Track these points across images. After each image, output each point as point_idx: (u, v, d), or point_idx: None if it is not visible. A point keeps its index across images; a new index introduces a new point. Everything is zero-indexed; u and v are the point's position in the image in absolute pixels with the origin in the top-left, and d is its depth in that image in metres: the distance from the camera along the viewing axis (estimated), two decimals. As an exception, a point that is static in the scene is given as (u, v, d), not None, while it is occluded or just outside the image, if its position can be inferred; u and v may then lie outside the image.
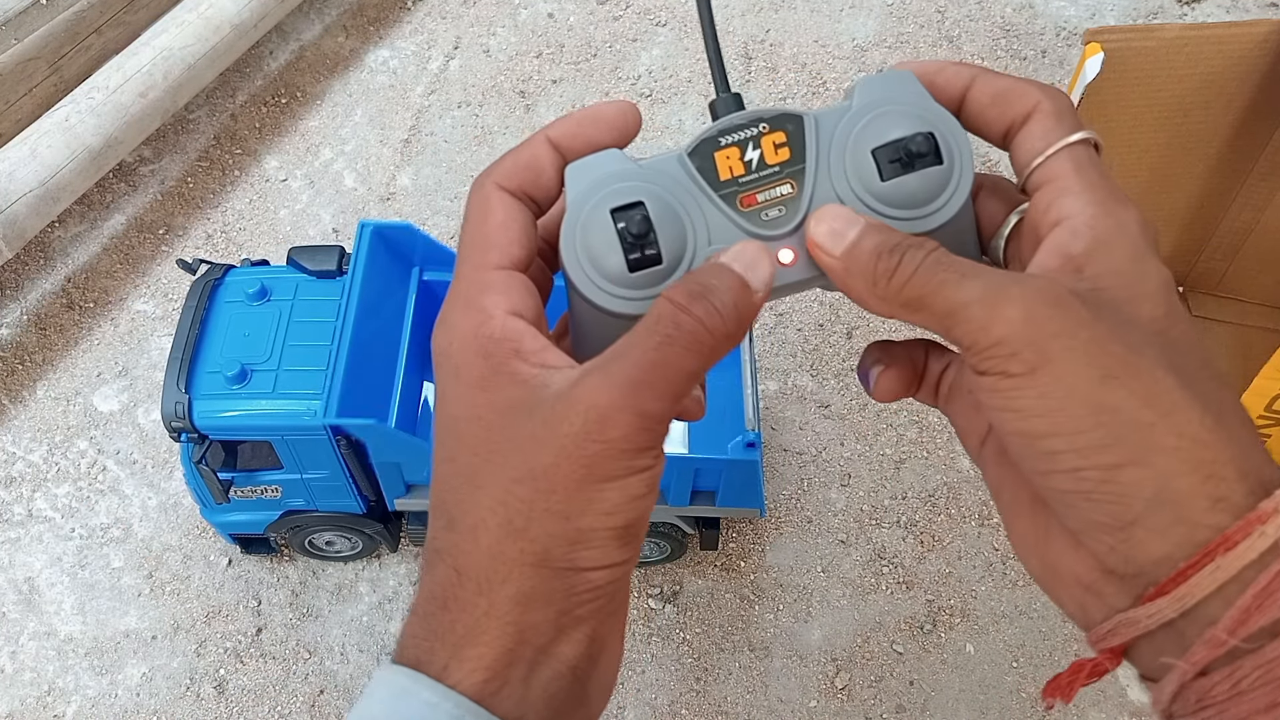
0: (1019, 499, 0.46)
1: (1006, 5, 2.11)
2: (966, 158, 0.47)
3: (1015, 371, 0.39)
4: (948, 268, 0.42)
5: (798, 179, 0.47)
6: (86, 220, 1.84)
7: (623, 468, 0.40)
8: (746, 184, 0.47)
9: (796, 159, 0.47)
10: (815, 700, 1.39)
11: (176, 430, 1.21)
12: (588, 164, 0.47)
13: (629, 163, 0.48)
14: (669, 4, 2.13)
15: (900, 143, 0.46)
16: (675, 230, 0.45)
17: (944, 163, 0.46)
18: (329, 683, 1.40)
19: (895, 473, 1.55)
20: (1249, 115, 1.39)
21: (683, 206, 0.46)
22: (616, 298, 0.45)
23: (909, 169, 0.46)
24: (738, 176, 0.47)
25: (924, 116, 0.47)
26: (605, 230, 0.44)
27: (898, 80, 0.49)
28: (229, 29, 1.84)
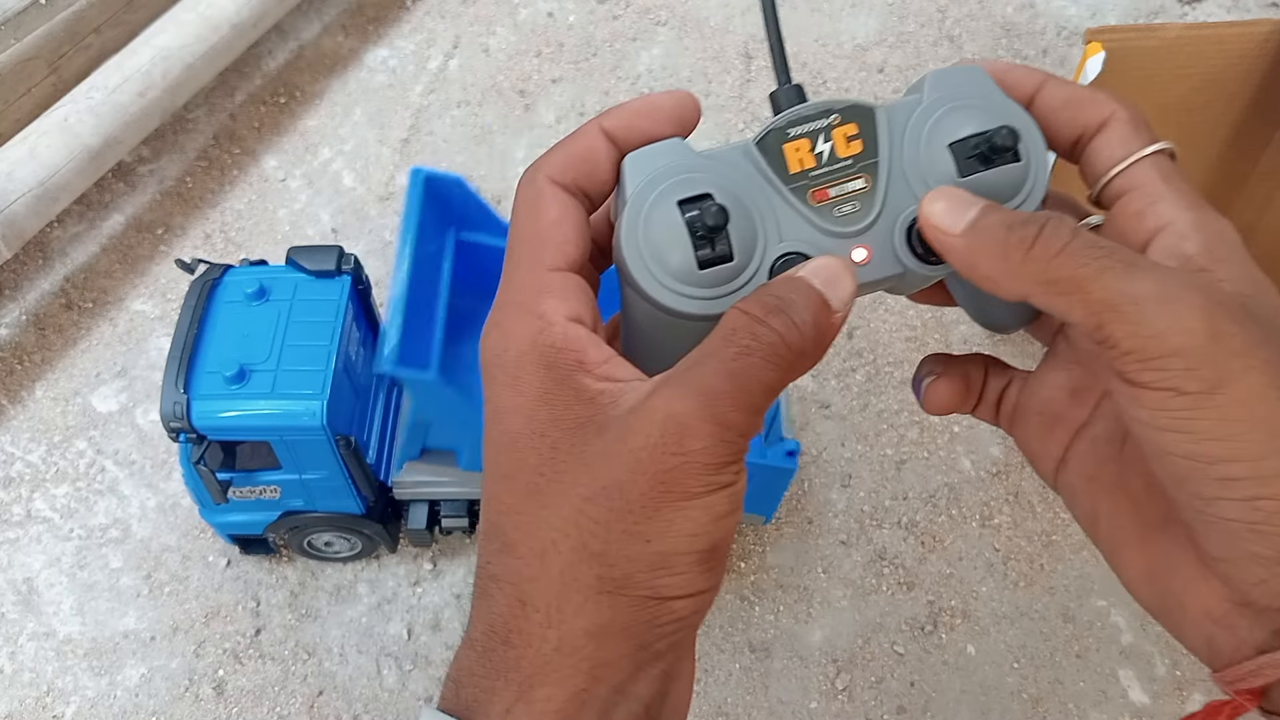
0: (1126, 526, 0.43)
1: (1008, 4, 2.11)
2: (1043, 157, 0.46)
3: (1190, 389, 0.35)
4: (1108, 253, 0.38)
5: (871, 173, 0.44)
6: (85, 220, 1.84)
7: (705, 483, 0.36)
8: (818, 178, 0.44)
9: (869, 153, 0.44)
10: (816, 701, 1.38)
11: (175, 430, 1.21)
12: (648, 154, 0.44)
13: (693, 153, 0.44)
14: (669, 3, 2.12)
15: (978, 138, 0.44)
16: (746, 225, 0.43)
17: (1021, 160, 0.44)
18: (328, 684, 1.40)
19: (896, 473, 1.55)
20: (1250, 115, 1.39)
21: (752, 200, 0.44)
22: (685, 296, 0.41)
23: (988, 165, 0.44)
24: (808, 169, 0.44)
25: (1000, 112, 0.45)
26: (672, 223, 0.41)
27: (970, 75, 0.47)
28: (228, 28, 1.84)
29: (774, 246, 0.43)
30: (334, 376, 1.21)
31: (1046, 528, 1.51)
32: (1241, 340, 0.36)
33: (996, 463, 1.56)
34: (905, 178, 0.45)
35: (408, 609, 1.45)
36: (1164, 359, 0.36)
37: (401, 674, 1.40)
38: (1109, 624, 1.44)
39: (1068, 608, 1.45)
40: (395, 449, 1.33)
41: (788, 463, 1.24)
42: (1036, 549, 1.49)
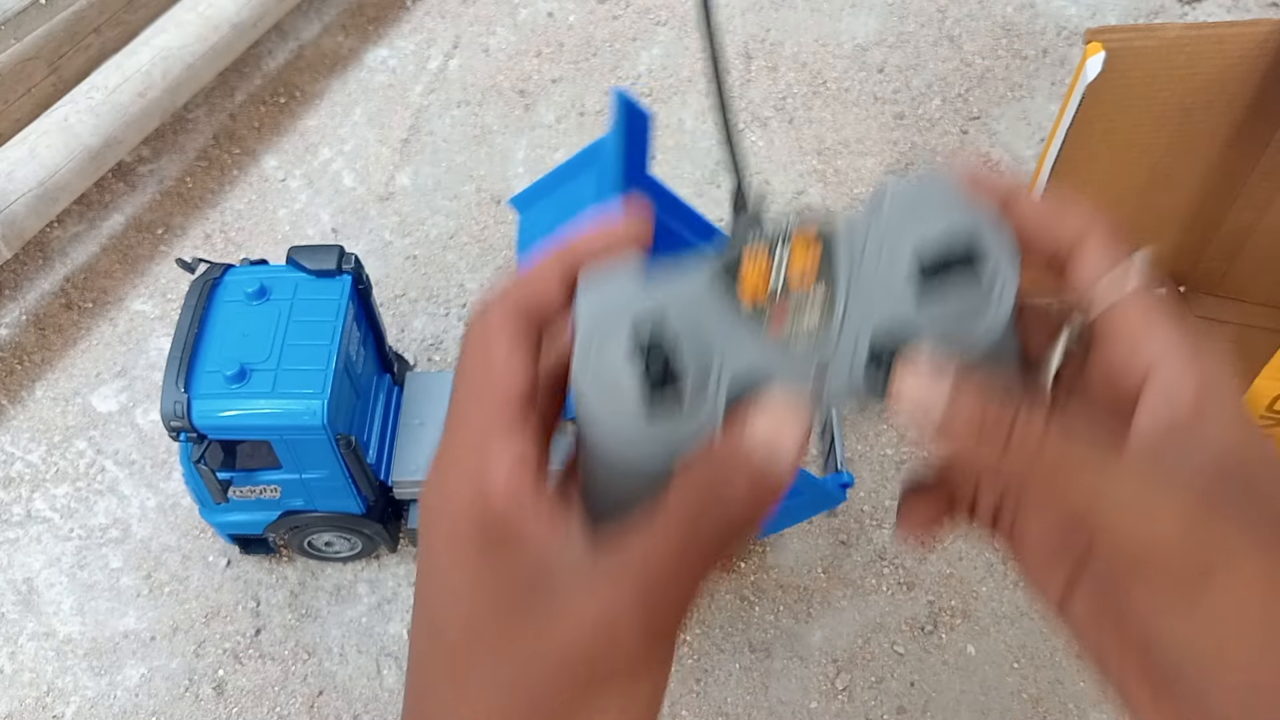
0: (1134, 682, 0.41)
1: (1007, 4, 2.11)
2: (1011, 278, 0.43)
3: (1177, 588, 0.34)
4: (1084, 450, 0.36)
5: (829, 302, 0.43)
6: (85, 220, 1.84)
7: (627, 689, 0.36)
8: (772, 300, 0.43)
9: (828, 280, 0.43)
10: (816, 701, 1.39)
11: (175, 430, 1.21)
12: (599, 287, 0.43)
13: (644, 287, 0.43)
14: (669, 3, 2.12)
15: (938, 263, 0.42)
16: (698, 366, 0.41)
17: (984, 284, 0.42)
18: (328, 683, 1.40)
19: (896, 473, 1.55)
20: (1250, 115, 1.39)
21: (706, 335, 0.42)
22: (633, 444, 0.40)
23: (950, 283, 0.42)
24: (762, 300, 0.43)
25: (964, 233, 0.43)
26: (620, 371, 0.40)
27: (933, 187, 0.45)
28: (228, 28, 1.84)
29: (728, 383, 0.42)
30: (334, 376, 1.21)
31: (1046, 528, 1.51)
32: (1229, 529, 0.34)
33: (996, 463, 1.56)
34: (867, 302, 0.43)
35: (408, 609, 1.45)
36: (1149, 558, 0.35)
37: (402, 674, 1.40)
38: (1109, 624, 1.44)
39: (1068, 608, 1.45)
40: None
41: (837, 493, 1.23)
42: (1036, 549, 1.49)
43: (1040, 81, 1.99)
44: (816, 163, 1.88)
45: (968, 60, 2.03)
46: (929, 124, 1.93)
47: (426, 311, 1.71)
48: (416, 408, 1.40)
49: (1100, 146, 1.39)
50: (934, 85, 1.99)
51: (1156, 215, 1.54)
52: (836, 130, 1.92)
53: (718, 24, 0.47)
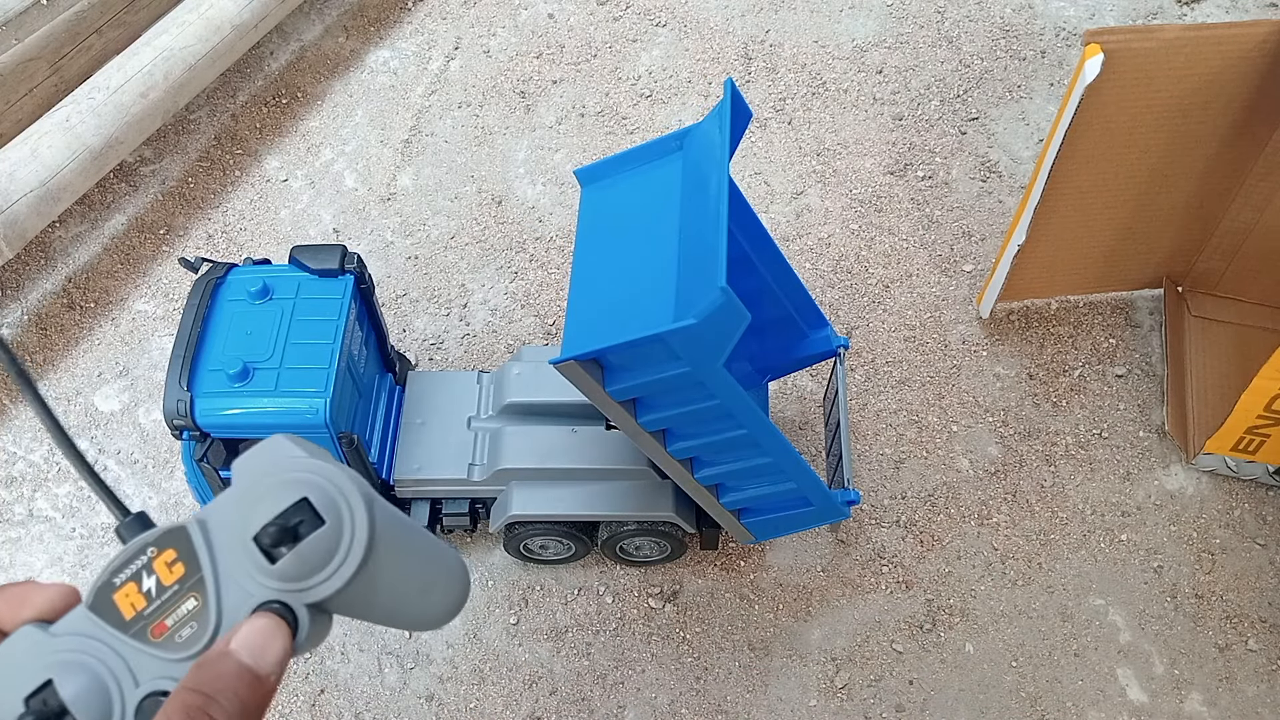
0: None
1: (1006, 5, 2.12)
2: (358, 506, 0.47)
3: None
4: None
5: (199, 590, 0.47)
6: (87, 220, 1.84)
7: None
8: (152, 614, 0.46)
9: (192, 570, 0.47)
10: (815, 699, 1.39)
11: (178, 428, 1.21)
12: (2, 650, 0.46)
13: (42, 640, 0.46)
14: (669, 5, 2.13)
15: (276, 522, 0.46)
16: (94, 694, 0.45)
17: (327, 521, 0.46)
18: (329, 682, 1.40)
19: (895, 472, 1.56)
20: (1248, 115, 1.39)
21: (101, 663, 0.46)
22: None
23: (295, 540, 0.46)
24: (141, 610, 0.46)
25: (297, 480, 0.47)
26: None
27: (272, 449, 0.48)
28: (230, 29, 1.84)
29: (133, 695, 0.45)
30: (337, 374, 1.21)
31: (1045, 527, 1.51)
32: None
33: (995, 462, 1.57)
34: (235, 580, 0.47)
35: (409, 607, 1.45)
36: None
37: (403, 672, 1.41)
38: (1107, 622, 1.44)
39: (1066, 606, 1.45)
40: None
41: (843, 509, 1.24)
42: (1035, 548, 1.50)
43: (1039, 82, 1.99)
44: (815, 163, 1.88)
45: (966, 61, 2.03)
46: (928, 125, 1.94)
47: (428, 311, 1.71)
48: (418, 407, 1.40)
49: (1099, 147, 1.39)
50: (933, 86, 1.99)
51: (1155, 215, 1.54)
52: (835, 131, 1.93)
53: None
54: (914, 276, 1.75)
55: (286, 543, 0.46)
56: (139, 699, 0.45)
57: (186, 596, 0.47)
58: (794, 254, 1.77)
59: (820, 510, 1.25)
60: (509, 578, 1.47)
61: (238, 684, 0.42)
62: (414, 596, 0.50)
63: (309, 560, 0.46)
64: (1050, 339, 1.69)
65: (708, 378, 1.00)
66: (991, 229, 1.80)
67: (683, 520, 1.35)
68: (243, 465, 0.48)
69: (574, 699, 1.39)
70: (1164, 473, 1.56)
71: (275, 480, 0.47)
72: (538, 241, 1.80)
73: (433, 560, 0.51)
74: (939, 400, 1.62)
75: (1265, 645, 1.42)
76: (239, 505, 0.47)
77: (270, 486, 0.47)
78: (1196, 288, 1.68)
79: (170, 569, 0.47)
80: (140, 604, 0.46)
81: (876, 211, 1.82)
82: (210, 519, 0.48)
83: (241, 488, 0.48)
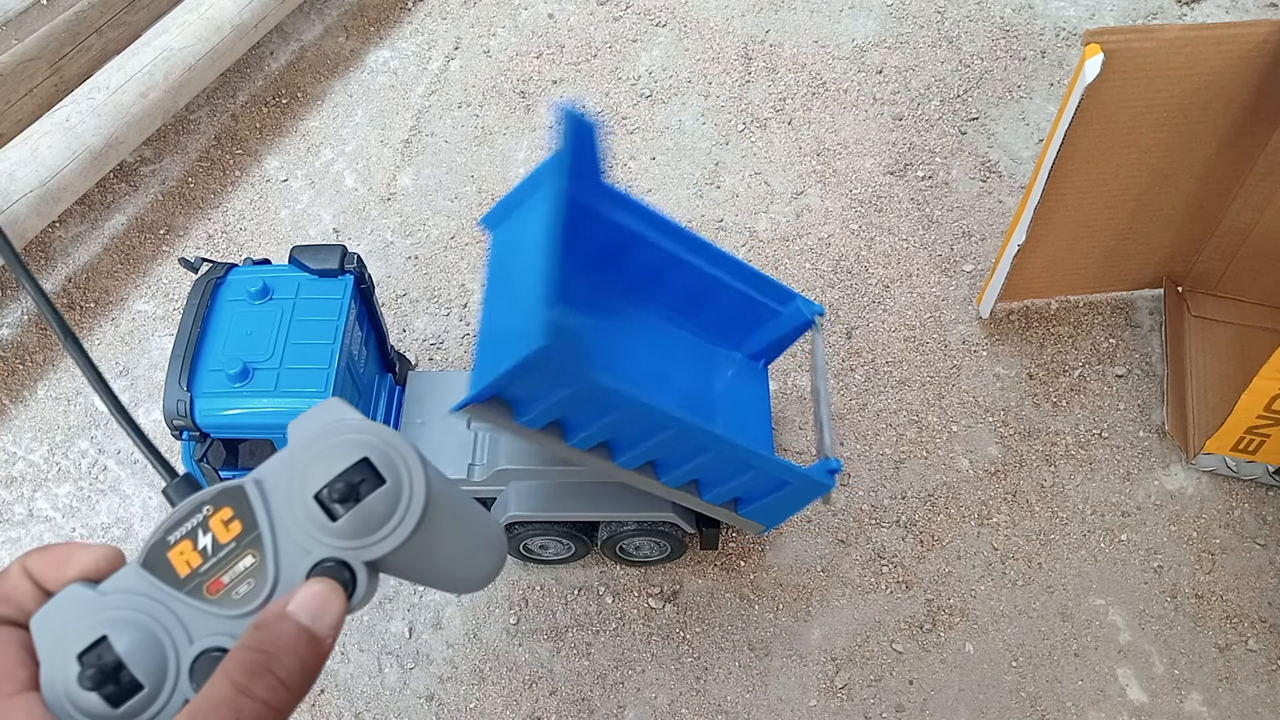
0: None
1: (1006, 5, 2.12)
2: (415, 467, 0.48)
3: None
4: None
5: (257, 547, 0.47)
6: (87, 220, 1.84)
7: None
8: (208, 571, 0.47)
9: (249, 527, 0.47)
10: (815, 699, 1.39)
11: (178, 428, 1.21)
12: (50, 610, 0.46)
13: (91, 596, 0.47)
14: (669, 5, 2.13)
15: (338, 479, 0.46)
16: (149, 650, 0.45)
17: (388, 481, 0.47)
18: (329, 682, 1.40)
19: (895, 472, 1.56)
20: (1248, 115, 1.39)
21: (154, 620, 0.46)
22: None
23: (356, 499, 0.46)
24: (197, 568, 0.47)
25: (357, 441, 0.47)
26: (77, 678, 0.44)
27: (328, 411, 0.49)
28: (229, 29, 1.84)
29: (187, 652, 0.46)
30: (337, 374, 1.21)
31: (1044, 526, 1.51)
32: None
33: (994, 462, 1.57)
34: (292, 537, 0.47)
35: (409, 607, 1.45)
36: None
37: (403, 672, 1.41)
38: (1107, 622, 1.44)
39: (1066, 606, 1.45)
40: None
41: (826, 479, 1.22)
42: (1035, 548, 1.50)
43: (1039, 82, 1.99)
44: (815, 163, 1.88)
45: (966, 61, 2.03)
46: (928, 125, 1.94)
47: (428, 311, 1.71)
48: (418, 407, 1.40)
49: (1099, 147, 1.39)
50: (932, 86, 1.99)
51: (1155, 215, 1.54)
52: (835, 131, 1.93)
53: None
54: (914, 276, 1.75)
55: (347, 501, 0.46)
56: (194, 654, 0.46)
57: (244, 554, 0.47)
58: (794, 254, 1.77)
59: (801, 487, 1.24)
60: (509, 578, 1.47)
61: (297, 644, 0.42)
62: (461, 558, 0.51)
63: (369, 518, 0.47)
64: (1050, 339, 1.69)
65: (591, 392, 1.01)
66: (991, 229, 1.80)
67: (683, 520, 1.35)
68: (299, 427, 0.49)
69: (574, 699, 1.39)
70: (1164, 473, 1.56)
71: (335, 441, 0.48)
72: (538, 241, 1.79)
73: (478, 524, 0.53)
74: (939, 400, 1.62)
75: (1265, 645, 1.42)
76: (296, 464, 0.48)
77: (330, 446, 0.47)
78: (1196, 288, 1.68)
79: (227, 526, 0.47)
80: (196, 561, 0.47)
81: (876, 211, 1.82)
82: (266, 478, 0.48)
83: (298, 448, 0.48)
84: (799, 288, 1.73)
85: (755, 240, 1.78)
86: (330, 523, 0.46)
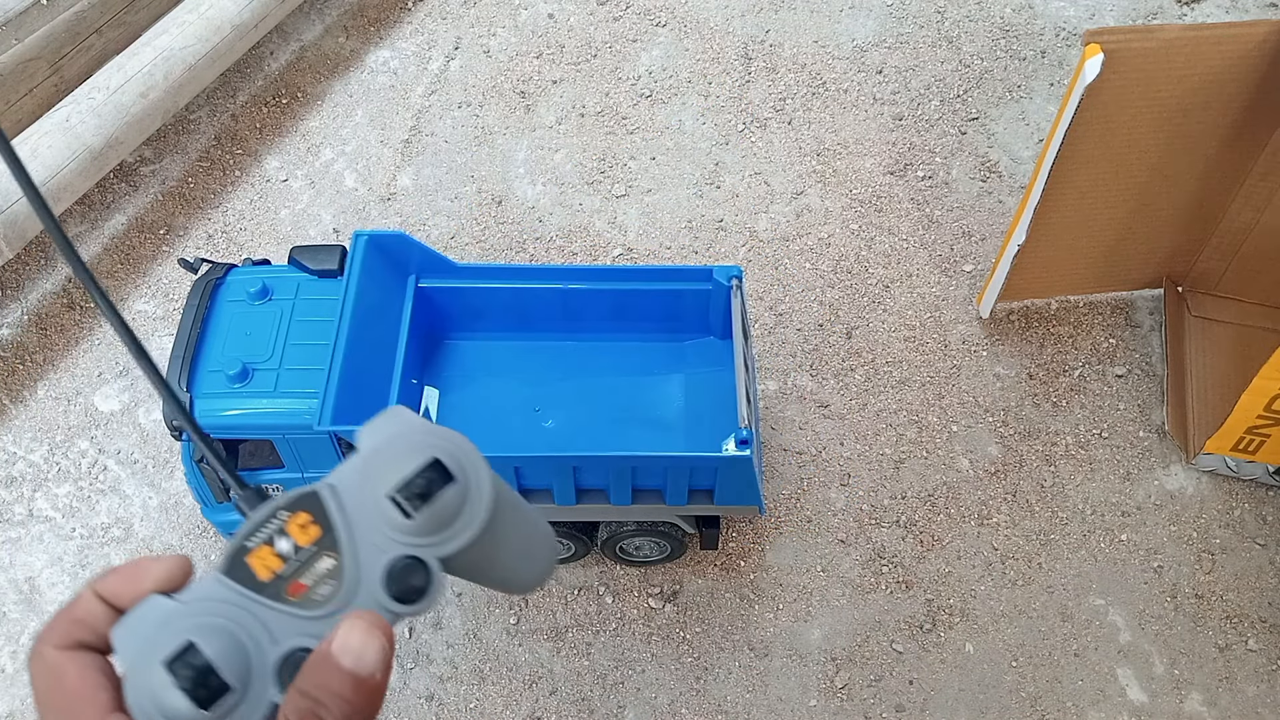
0: None
1: (1006, 5, 2.12)
2: (480, 467, 0.50)
3: None
4: None
5: (335, 549, 0.49)
6: (87, 220, 1.84)
7: None
8: (289, 574, 0.48)
9: (327, 530, 0.49)
10: (815, 699, 1.39)
11: (178, 429, 1.21)
12: (131, 621, 0.47)
13: (169, 606, 0.47)
14: (669, 5, 2.13)
15: (412, 479, 0.48)
16: (235, 654, 0.46)
17: (458, 479, 0.49)
18: (329, 682, 1.40)
19: (895, 472, 1.56)
20: (1248, 115, 1.39)
21: (238, 624, 0.47)
22: None
23: (430, 498, 0.48)
24: (278, 572, 0.48)
25: (426, 444, 0.49)
26: (163, 684, 0.44)
27: (395, 418, 0.51)
28: (229, 30, 1.84)
29: (273, 653, 0.47)
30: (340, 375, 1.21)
31: (1044, 527, 1.51)
32: None
33: (995, 462, 1.57)
34: (369, 538, 0.49)
35: (409, 607, 1.45)
36: None
37: (403, 672, 1.41)
38: (1107, 622, 1.44)
39: (1066, 606, 1.45)
40: None
41: (739, 451, 1.21)
42: (1034, 548, 1.50)
43: (1039, 82, 1.99)
44: (815, 163, 1.88)
45: (966, 61, 2.03)
46: (928, 125, 1.94)
47: (427, 311, 1.71)
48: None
49: (1099, 147, 1.39)
50: (932, 86, 1.99)
51: (1155, 215, 1.54)
52: (835, 131, 1.93)
53: None
54: (914, 276, 1.75)
55: (421, 499, 0.48)
56: (280, 655, 0.46)
57: (323, 556, 0.48)
58: (794, 254, 1.77)
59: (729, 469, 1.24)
60: (509, 578, 1.48)
61: (342, 688, 0.43)
62: (520, 558, 0.54)
63: (442, 515, 0.48)
64: (1050, 339, 1.69)
65: None
66: (991, 229, 1.80)
67: (682, 521, 1.35)
68: (367, 433, 0.51)
69: (574, 699, 1.39)
70: (1164, 473, 1.56)
71: (406, 444, 0.49)
72: (538, 241, 1.80)
73: (535, 524, 0.55)
74: (939, 400, 1.62)
75: (1265, 645, 1.42)
76: (369, 468, 0.49)
77: (402, 449, 0.49)
78: (1196, 288, 1.68)
79: (305, 531, 0.48)
80: (276, 565, 0.48)
81: (876, 211, 1.82)
82: (339, 483, 0.50)
83: (368, 453, 0.50)
84: (799, 288, 1.73)
85: (755, 240, 1.78)
86: (405, 520, 0.48)
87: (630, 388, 1.38)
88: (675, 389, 1.38)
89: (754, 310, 1.70)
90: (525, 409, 1.36)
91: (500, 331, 1.40)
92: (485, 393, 1.38)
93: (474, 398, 1.37)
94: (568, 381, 1.38)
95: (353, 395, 1.19)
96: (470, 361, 1.40)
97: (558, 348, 1.41)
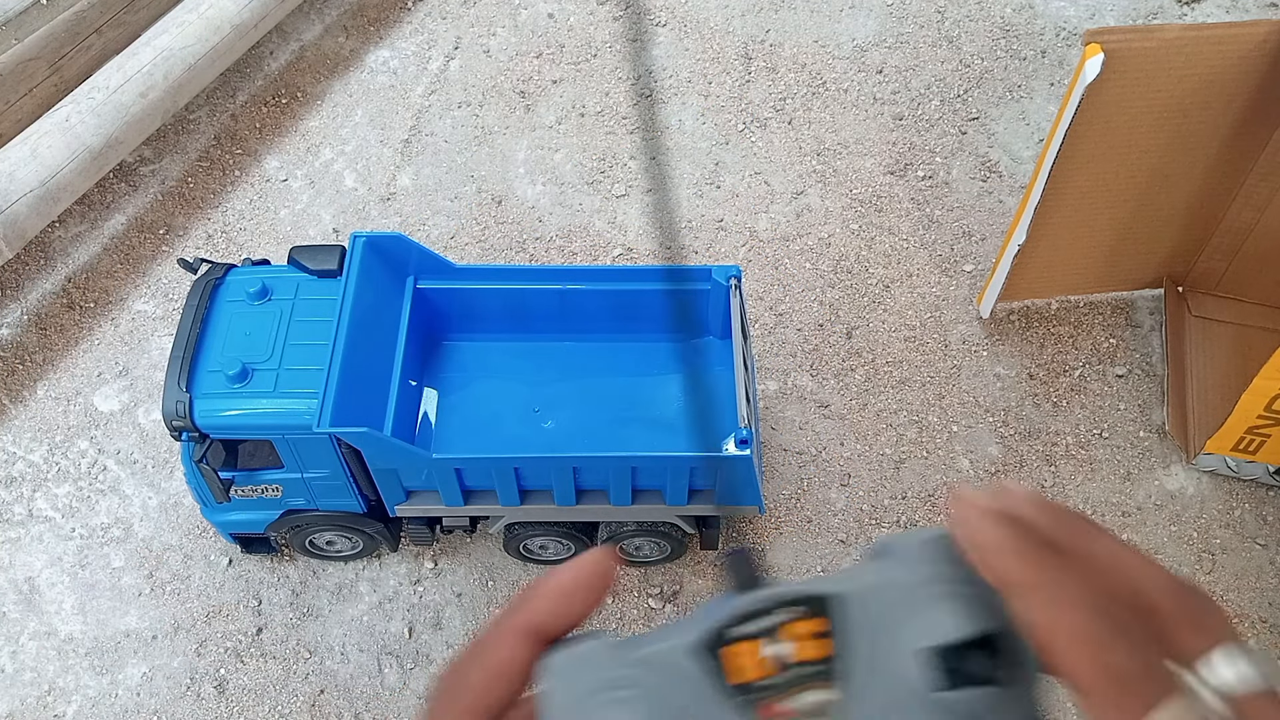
0: None
1: (1006, 5, 2.11)
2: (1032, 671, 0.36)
3: None
4: None
5: (845, 683, 0.36)
6: (87, 220, 1.84)
7: None
8: (767, 688, 0.36)
9: (842, 654, 0.36)
10: (815, 700, 1.39)
11: (177, 429, 1.21)
12: (570, 662, 0.38)
13: (619, 660, 0.37)
14: (669, 4, 2.13)
15: (959, 649, 0.35)
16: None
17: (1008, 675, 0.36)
18: (329, 682, 1.40)
19: (895, 473, 1.56)
20: (1248, 115, 1.39)
21: (681, 712, 0.36)
22: None
23: (966, 683, 0.35)
24: (754, 681, 0.36)
25: (981, 611, 0.36)
26: None
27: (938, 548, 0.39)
28: (229, 29, 1.84)
29: None
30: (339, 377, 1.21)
31: (1045, 527, 1.51)
32: None
33: (995, 462, 1.57)
34: (884, 688, 0.36)
35: (409, 607, 1.45)
36: None
37: (403, 672, 1.41)
38: (1107, 623, 1.44)
39: (1066, 607, 1.45)
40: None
41: (739, 451, 1.22)
42: (1035, 548, 1.50)
43: (1039, 82, 1.99)
44: (816, 163, 1.88)
45: (966, 61, 2.03)
46: (928, 125, 1.93)
47: (427, 311, 1.71)
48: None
49: (1099, 147, 1.39)
50: (933, 86, 1.99)
51: (1155, 215, 1.54)
52: (835, 131, 1.93)
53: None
54: (914, 276, 1.75)
55: (960, 678, 0.35)
56: None
57: (823, 685, 0.36)
58: (794, 254, 1.77)
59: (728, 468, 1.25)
60: (509, 578, 1.47)
61: None
62: None
63: (976, 710, 0.35)
64: (1050, 339, 1.69)
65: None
66: (991, 229, 1.80)
67: (682, 521, 1.35)
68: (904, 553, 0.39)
69: (574, 699, 1.39)
70: (1164, 473, 1.56)
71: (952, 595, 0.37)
72: (538, 241, 1.79)
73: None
74: (939, 400, 1.62)
75: (1265, 645, 1.42)
76: (904, 605, 0.37)
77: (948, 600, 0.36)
78: (1196, 288, 1.68)
79: (813, 643, 0.36)
80: (756, 672, 0.36)
81: (876, 211, 1.82)
82: (865, 603, 0.37)
83: (906, 582, 0.37)
84: (799, 288, 1.73)
85: (755, 240, 1.78)
86: (933, 693, 0.35)
87: (630, 388, 1.38)
88: (675, 389, 1.38)
89: (754, 310, 1.70)
90: (525, 410, 1.36)
91: (499, 332, 1.40)
92: (484, 394, 1.38)
93: (473, 399, 1.37)
94: (567, 382, 1.38)
95: (351, 397, 1.19)
96: (469, 362, 1.40)
97: (557, 348, 1.40)
